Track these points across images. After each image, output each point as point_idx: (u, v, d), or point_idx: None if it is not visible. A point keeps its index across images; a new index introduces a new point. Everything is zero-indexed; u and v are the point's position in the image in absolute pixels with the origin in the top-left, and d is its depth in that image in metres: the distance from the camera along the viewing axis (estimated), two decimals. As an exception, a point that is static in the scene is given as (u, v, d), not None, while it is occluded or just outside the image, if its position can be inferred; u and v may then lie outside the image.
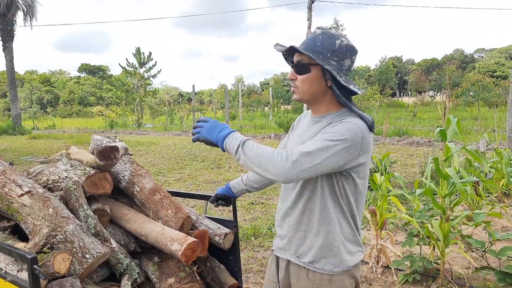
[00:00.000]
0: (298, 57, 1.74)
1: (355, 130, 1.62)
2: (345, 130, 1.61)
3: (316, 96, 1.77)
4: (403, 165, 10.04)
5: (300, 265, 1.82)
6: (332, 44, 1.70)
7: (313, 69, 1.72)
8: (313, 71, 1.72)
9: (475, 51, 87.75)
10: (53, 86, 73.05)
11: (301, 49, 1.69)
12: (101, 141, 2.53)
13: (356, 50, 1.77)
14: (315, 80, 1.73)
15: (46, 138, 21.60)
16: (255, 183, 2.26)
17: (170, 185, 8.53)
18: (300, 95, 1.78)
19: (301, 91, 1.76)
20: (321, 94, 1.76)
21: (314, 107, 1.83)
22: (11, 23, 27.22)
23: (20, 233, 2.12)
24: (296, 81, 1.76)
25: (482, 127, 15.79)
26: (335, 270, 1.75)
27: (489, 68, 64.61)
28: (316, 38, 1.72)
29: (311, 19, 22.67)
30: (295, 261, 1.84)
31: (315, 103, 1.80)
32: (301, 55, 1.73)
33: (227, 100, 27.76)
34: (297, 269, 1.84)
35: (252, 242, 5.08)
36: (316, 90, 1.75)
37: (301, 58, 1.73)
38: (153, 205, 2.35)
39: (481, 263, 4.07)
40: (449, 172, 3.64)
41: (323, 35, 1.72)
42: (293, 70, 1.76)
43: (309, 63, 1.71)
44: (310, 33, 1.76)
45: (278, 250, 1.94)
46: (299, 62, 1.74)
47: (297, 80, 1.75)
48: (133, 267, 2.17)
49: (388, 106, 34.65)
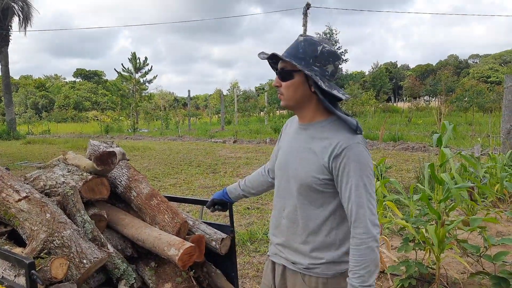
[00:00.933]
0: (282, 64, 1.77)
1: (364, 154, 1.70)
2: (362, 161, 1.68)
3: (301, 102, 1.79)
4: (399, 170, 10.07)
5: (296, 270, 1.84)
6: (314, 50, 1.72)
7: (296, 75, 1.74)
8: (296, 77, 1.75)
9: (469, 57, 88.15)
10: (48, 91, 72.84)
11: (282, 56, 1.73)
12: (98, 146, 2.53)
13: (339, 56, 1.79)
14: (299, 86, 1.76)
15: (41, 143, 21.51)
16: (252, 189, 2.28)
17: (165, 190, 8.52)
18: (286, 101, 1.81)
19: (286, 97, 1.79)
20: (306, 100, 1.79)
21: (301, 114, 1.85)
22: (7, 28, 27.18)
23: (17, 239, 2.12)
24: (281, 88, 1.79)
25: (477, 132, 15.85)
26: (330, 274, 1.78)
27: (483, 73, 64.91)
28: (298, 45, 1.75)
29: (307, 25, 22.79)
30: (291, 267, 1.87)
31: (301, 109, 1.82)
32: (284, 62, 1.75)
33: (222, 105, 27.80)
34: (293, 274, 1.87)
35: (248, 247, 5.08)
36: (300, 96, 1.77)
37: (285, 65, 1.76)
38: (150, 210, 2.35)
39: (476, 268, 4.08)
40: (444, 177, 3.66)
41: (305, 41, 1.75)
42: (278, 77, 1.79)
43: (292, 70, 1.74)
44: (295, 40, 1.79)
45: (274, 255, 1.97)
46: (282, 69, 1.77)
47: (282, 86, 1.78)
48: (130, 272, 2.17)
49: (383, 111, 34.73)
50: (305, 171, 1.76)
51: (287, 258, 1.88)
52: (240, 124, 30.91)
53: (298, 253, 1.83)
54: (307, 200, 1.78)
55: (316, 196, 1.76)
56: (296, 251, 1.84)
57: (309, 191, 1.76)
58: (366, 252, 1.65)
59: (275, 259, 1.96)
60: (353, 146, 1.68)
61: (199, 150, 16.09)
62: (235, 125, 29.98)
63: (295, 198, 1.82)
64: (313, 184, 1.74)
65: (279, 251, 1.93)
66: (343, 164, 1.68)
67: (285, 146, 1.93)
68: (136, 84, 40.46)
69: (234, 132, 21.63)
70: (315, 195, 1.76)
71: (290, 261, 1.87)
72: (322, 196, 1.76)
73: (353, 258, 1.67)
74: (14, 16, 27.51)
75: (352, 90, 36.31)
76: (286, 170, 1.86)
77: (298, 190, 1.79)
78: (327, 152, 1.71)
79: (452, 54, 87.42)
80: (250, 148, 16.09)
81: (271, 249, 2.00)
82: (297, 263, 1.84)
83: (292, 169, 1.83)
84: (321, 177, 1.72)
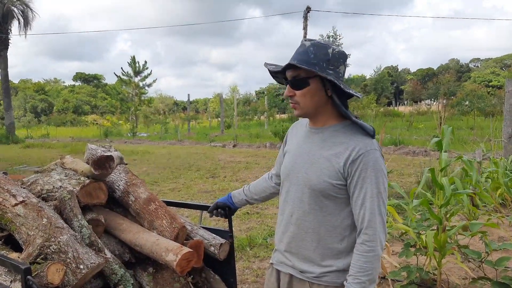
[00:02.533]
0: (293, 73, 1.70)
1: (380, 160, 1.68)
2: (378, 168, 1.66)
3: (318, 108, 1.75)
4: (400, 175, 10.05)
5: (304, 279, 1.80)
6: (326, 54, 1.68)
7: (311, 82, 1.69)
8: (312, 84, 1.70)
9: (470, 60, 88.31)
10: (48, 94, 72.91)
11: (302, 65, 1.65)
12: (96, 150, 2.51)
13: (347, 55, 1.77)
14: (315, 93, 1.71)
15: (40, 147, 21.49)
16: (255, 195, 2.24)
17: (164, 194, 8.49)
18: (302, 111, 1.75)
19: (303, 106, 1.73)
20: (322, 105, 1.74)
21: (315, 119, 1.80)
22: (6, 32, 27.23)
23: (13, 243, 2.09)
24: (295, 97, 1.72)
25: (478, 136, 15.84)
26: (339, 282, 1.74)
27: (484, 78, 65.03)
28: (307, 50, 1.69)
29: (307, 28, 22.82)
30: (298, 276, 1.82)
31: (317, 115, 1.77)
32: (296, 70, 1.69)
33: (222, 109, 27.81)
34: (300, 283, 1.82)
35: (248, 253, 5.05)
36: (317, 102, 1.73)
37: (297, 73, 1.70)
38: (148, 215, 2.33)
39: (478, 273, 4.06)
40: (444, 182, 3.64)
41: (313, 46, 1.69)
42: (289, 86, 1.73)
43: (306, 77, 1.69)
44: (298, 47, 1.73)
45: (279, 264, 1.92)
46: (295, 78, 1.70)
47: (296, 95, 1.72)
48: (128, 278, 2.14)
49: (384, 115, 34.74)
50: (317, 176, 1.71)
51: (295, 267, 1.84)
52: (240, 128, 30.93)
53: (307, 261, 1.79)
54: (318, 206, 1.74)
55: (328, 202, 1.72)
56: (305, 259, 1.79)
57: (320, 196, 1.72)
58: (373, 260, 1.64)
59: (281, 268, 1.91)
60: (370, 152, 1.65)
61: (199, 154, 16.08)
62: (235, 129, 29.98)
63: (305, 203, 1.77)
64: (326, 189, 1.70)
65: (286, 259, 1.88)
66: (359, 170, 1.64)
67: (294, 150, 1.88)
68: (136, 88, 40.45)
69: (234, 136, 21.63)
70: (327, 201, 1.72)
71: (298, 269, 1.82)
72: (334, 202, 1.72)
73: (357, 264, 1.65)
74: (13, 19, 27.57)
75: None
76: (295, 174, 1.81)
77: (309, 195, 1.75)
78: (343, 157, 1.67)
79: (453, 58, 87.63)
80: (250, 152, 16.06)
81: (277, 256, 1.96)
82: (306, 272, 1.79)
83: (302, 173, 1.77)
84: (335, 183, 1.69)
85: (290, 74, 1.72)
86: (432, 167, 3.78)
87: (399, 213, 6.28)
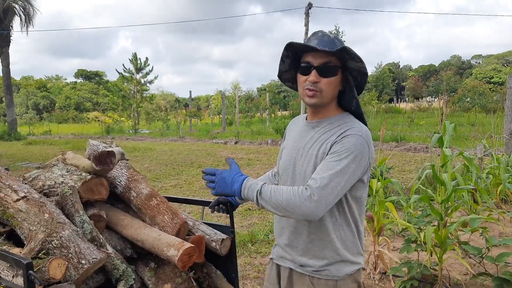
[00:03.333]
0: (326, 59, 1.68)
1: (361, 143, 1.64)
2: (353, 147, 1.62)
3: (331, 100, 1.77)
4: (401, 171, 10.05)
5: (304, 273, 1.81)
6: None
7: (338, 72, 1.71)
8: (338, 74, 1.72)
9: (472, 57, 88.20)
10: (49, 91, 73.01)
11: (352, 52, 1.64)
12: (97, 146, 2.51)
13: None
14: (337, 84, 1.73)
15: (42, 144, 21.54)
16: None
17: (166, 191, 8.51)
18: (321, 99, 1.73)
19: (325, 95, 1.72)
20: (334, 98, 1.77)
21: (318, 112, 1.80)
22: (8, 28, 27.23)
23: (15, 239, 2.10)
24: (319, 84, 1.70)
25: (480, 133, 15.81)
26: (339, 275, 1.75)
27: (486, 74, 64.86)
28: (333, 41, 1.69)
29: (308, 24, 22.77)
30: (298, 270, 1.83)
31: (325, 107, 1.78)
32: (329, 56, 1.68)
33: (224, 106, 27.79)
34: (300, 277, 1.83)
35: (249, 249, 5.06)
36: (335, 94, 1.75)
37: (329, 59, 1.68)
38: (149, 211, 2.33)
39: (478, 269, 4.06)
40: (444, 178, 3.64)
41: (337, 39, 1.71)
42: (317, 72, 1.69)
43: (336, 66, 1.70)
44: (319, 36, 1.72)
45: (279, 258, 1.93)
46: (327, 64, 1.68)
47: (321, 82, 1.70)
48: (129, 273, 2.15)
49: (385, 112, 34.68)
50: (313, 169, 1.71)
51: (294, 261, 1.84)
52: (242, 125, 30.90)
53: (307, 255, 1.80)
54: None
55: None
56: (304, 253, 1.80)
57: None
58: (287, 195, 1.59)
59: (281, 262, 1.92)
60: (354, 136, 1.65)
61: (200, 151, 16.08)
62: (237, 126, 29.98)
63: None
64: None
65: (285, 254, 1.88)
66: (338, 146, 1.65)
67: (290, 145, 1.89)
68: (137, 84, 40.48)
69: (235, 133, 21.63)
70: None
71: (298, 263, 1.83)
72: None
73: (275, 187, 1.64)
74: (15, 16, 27.56)
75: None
76: (292, 169, 1.82)
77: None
78: (331, 141, 1.69)
79: (455, 55, 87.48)
80: (251, 149, 16.07)
81: (276, 251, 1.97)
82: (305, 266, 1.80)
83: (299, 167, 1.79)
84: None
85: (319, 60, 1.69)
86: (432, 163, 3.78)
87: (400, 210, 6.29)
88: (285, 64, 1.83)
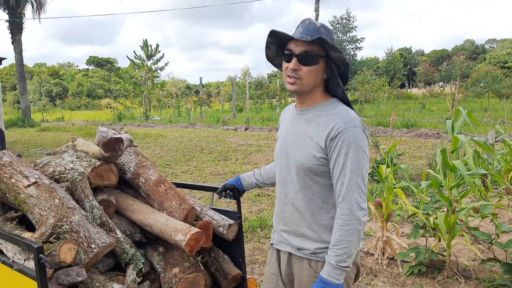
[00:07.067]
0: (306, 47, 1.70)
1: (360, 137, 1.69)
2: (353, 141, 1.67)
3: (314, 88, 1.78)
4: (411, 157, 10.00)
5: (302, 256, 1.84)
6: (332, 38, 1.73)
7: (320, 61, 1.72)
8: (320, 63, 1.73)
9: (486, 41, 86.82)
10: (62, 78, 73.46)
11: (330, 41, 1.66)
12: (106, 133, 2.55)
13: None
14: (320, 72, 1.74)
15: (55, 130, 21.77)
16: (267, 180, 2.27)
17: (177, 177, 8.57)
18: (301, 87, 1.75)
19: (305, 83, 1.74)
20: (318, 86, 1.79)
21: (304, 99, 1.83)
22: (20, 16, 27.35)
23: (27, 223, 2.15)
24: (299, 72, 1.72)
25: (492, 118, 15.65)
26: None
27: (500, 59, 63.85)
28: (319, 30, 1.70)
29: (319, 10, 22.58)
30: (297, 253, 1.86)
31: (309, 95, 1.80)
32: (310, 45, 1.69)
33: (234, 92, 27.75)
34: (299, 260, 1.87)
35: (258, 234, 5.10)
36: (317, 82, 1.77)
37: (310, 48, 1.70)
38: (157, 196, 2.37)
39: (487, 255, 4.06)
40: (457, 164, 3.63)
41: (323, 27, 1.73)
42: (297, 60, 1.71)
43: (318, 54, 1.71)
44: (306, 23, 1.73)
45: (278, 243, 1.98)
46: (307, 53, 1.70)
47: (301, 70, 1.72)
48: (138, 257, 2.19)
49: (397, 98, 34.40)
50: (303, 155, 1.76)
51: (292, 245, 1.88)
52: (252, 111, 30.84)
53: (303, 238, 1.84)
54: (307, 184, 1.78)
55: (315, 178, 1.76)
56: (301, 237, 1.84)
57: (308, 172, 1.76)
58: (348, 234, 1.66)
59: (280, 247, 1.96)
60: (349, 129, 1.67)
61: (211, 137, 16.13)
62: (247, 112, 29.93)
63: (295, 182, 1.82)
64: (313, 167, 1.74)
65: (284, 239, 1.93)
66: (338, 146, 1.67)
67: (283, 133, 1.93)
68: (148, 71, 40.50)
69: (245, 120, 21.62)
70: (314, 176, 1.76)
71: (296, 247, 1.87)
72: (322, 179, 1.76)
73: (334, 238, 1.68)
74: (27, 3, 27.65)
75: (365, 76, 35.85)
76: (285, 156, 1.87)
77: (297, 173, 1.79)
78: (324, 135, 1.71)
79: (468, 39, 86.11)
80: (261, 136, 16.08)
81: (275, 237, 2.01)
82: (303, 249, 1.84)
83: (291, 154, 1.83)
84: (319, 156, 1.72)
85: (300, 48, 1.71)
86: (443, 148, 3.76)
87: (409, 195, 6.28)
88: (271, 50, 1.85)
